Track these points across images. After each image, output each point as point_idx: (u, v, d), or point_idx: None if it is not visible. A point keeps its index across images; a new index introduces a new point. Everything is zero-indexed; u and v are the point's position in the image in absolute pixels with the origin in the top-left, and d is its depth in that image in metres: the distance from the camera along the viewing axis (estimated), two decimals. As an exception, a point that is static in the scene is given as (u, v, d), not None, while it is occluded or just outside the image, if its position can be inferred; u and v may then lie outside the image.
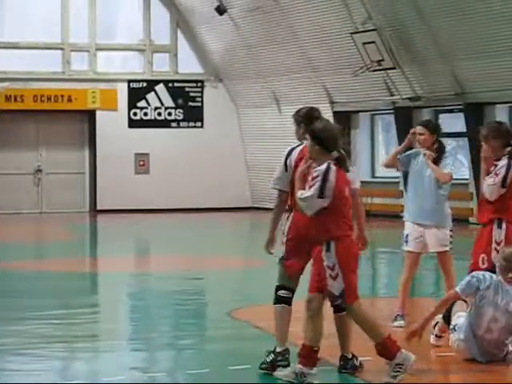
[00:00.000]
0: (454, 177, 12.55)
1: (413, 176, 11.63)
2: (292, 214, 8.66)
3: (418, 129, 10.96)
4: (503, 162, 9.84)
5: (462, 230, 19.29)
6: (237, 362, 9.23)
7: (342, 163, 8.41)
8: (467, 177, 29.17)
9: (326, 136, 8.37)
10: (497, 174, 9.93)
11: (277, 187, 9.11)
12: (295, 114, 9.08)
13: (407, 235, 10.70)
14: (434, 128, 11.02)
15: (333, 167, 8.08)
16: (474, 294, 8.54)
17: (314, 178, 8.24)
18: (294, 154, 8.72)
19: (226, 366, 9.17)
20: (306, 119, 8.77)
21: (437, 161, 10.80)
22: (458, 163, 30.86)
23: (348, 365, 8.38)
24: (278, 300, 8.38)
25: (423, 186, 10.76)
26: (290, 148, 9.15)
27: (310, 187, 8.51)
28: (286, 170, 8.73)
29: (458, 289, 8.58)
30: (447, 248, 10.91)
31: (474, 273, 8.85)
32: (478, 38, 25.71)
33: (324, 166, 8.12)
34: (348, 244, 8.10)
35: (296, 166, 8.56)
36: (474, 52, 25.73)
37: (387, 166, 11.77)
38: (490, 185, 9.92)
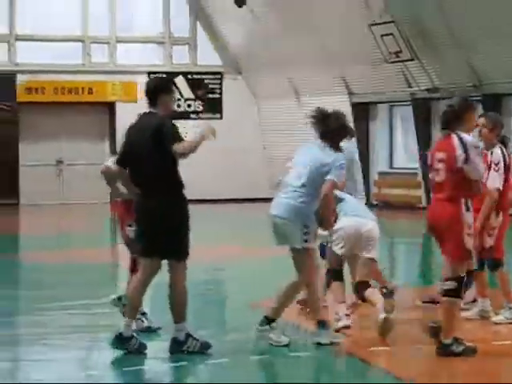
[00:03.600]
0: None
1: None
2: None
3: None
4: (497, 151, 10.15)
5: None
6: (257, 352, 9.29)
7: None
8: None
9: None
10: (496, 165, 10.21)
11: None
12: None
13: None
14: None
15: None
16: None
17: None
18: None
19: (246, 355, 9.20)
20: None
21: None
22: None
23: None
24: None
25: None
26: None
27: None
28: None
29: None
30: None
31: None
32: (494, 30, 25.43)
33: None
34: None
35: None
36: (491, 44, 25.43)
37: None
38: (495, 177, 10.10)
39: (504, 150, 10.42)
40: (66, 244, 23.69)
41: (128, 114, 32.38)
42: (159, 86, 9.77)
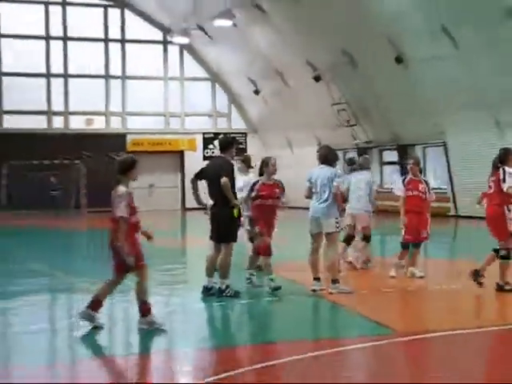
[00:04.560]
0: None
1: None
2: None
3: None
4: (502, 171, 11.04)
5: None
6: (272, 295, 10.99)
7: None
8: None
9: None
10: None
11: None
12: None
13: None
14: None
15: None
16: None
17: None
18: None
19: (263, 297, 11.06)
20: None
21: None
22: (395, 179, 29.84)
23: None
24: None
25: None
26: None
27: None
28: None
29: None
30: None
31: None
32: (405, 109, 29.07)
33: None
34: None
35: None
36: (403, 116, 29.53)
37: None
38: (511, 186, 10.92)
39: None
40: (163, 233, 22.65)
41: (191, 158, 36.05)
42: (229, 142, 11.48)
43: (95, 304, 9.30)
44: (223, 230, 10.88)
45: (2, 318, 10.96)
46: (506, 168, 10.88)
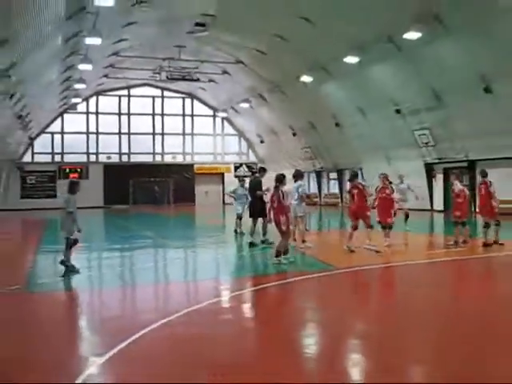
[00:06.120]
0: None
1: None
2: None
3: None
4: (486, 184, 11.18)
5: None
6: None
7: None
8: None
9: None
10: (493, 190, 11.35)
11: None
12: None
13: None
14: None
15: None
16: None
17: None
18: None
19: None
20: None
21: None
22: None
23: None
24: None
25: None
26: None
27: None
28: None
29: None
30: None
31: None
32: (341, 151, 30.10)
33: None
34: None
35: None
36: (339, 154, 31.04)
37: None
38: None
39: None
40: (204, 217, 26.72)
41: (228, 178, 40.29)
42: (264, 171, 12.69)
43: (277, 254, 9.51)
44: (260, 211, 12.14)
45: (129, 260, 11.14)
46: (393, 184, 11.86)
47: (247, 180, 13.46)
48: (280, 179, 9.64)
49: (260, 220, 12.08)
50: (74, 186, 9.27)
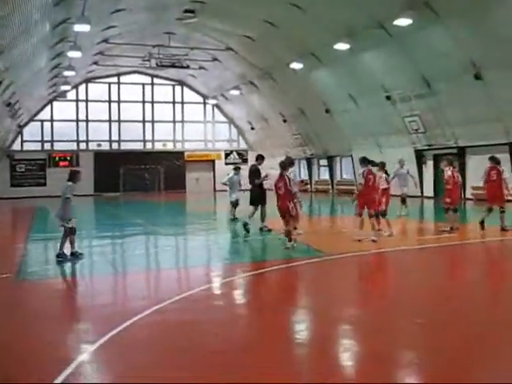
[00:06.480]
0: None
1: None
2: None
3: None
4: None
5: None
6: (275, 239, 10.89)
7: None
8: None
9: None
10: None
11: None
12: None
13: None
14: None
15: None
16: None
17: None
18: None
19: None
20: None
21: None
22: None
23: None
24: None
25: None
26: None
27: None
28: None
29: None
30: None
31: None
32: (331, 137, 30.15)
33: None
34: None
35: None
36: (329, 141, 30.69)
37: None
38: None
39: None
40: (199, 204, 27.13)
41: (219, 165, 39.92)
42: (262, 158, 12.46)
43: (289, 235, 9.73)
44: (260, 200, 12.24)
45: (120, 247, 11.19)
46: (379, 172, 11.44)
47: (243, 168, 13.97)
48: (283, 165, 9.72)
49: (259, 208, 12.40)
50: (76, 174, 9.46)
